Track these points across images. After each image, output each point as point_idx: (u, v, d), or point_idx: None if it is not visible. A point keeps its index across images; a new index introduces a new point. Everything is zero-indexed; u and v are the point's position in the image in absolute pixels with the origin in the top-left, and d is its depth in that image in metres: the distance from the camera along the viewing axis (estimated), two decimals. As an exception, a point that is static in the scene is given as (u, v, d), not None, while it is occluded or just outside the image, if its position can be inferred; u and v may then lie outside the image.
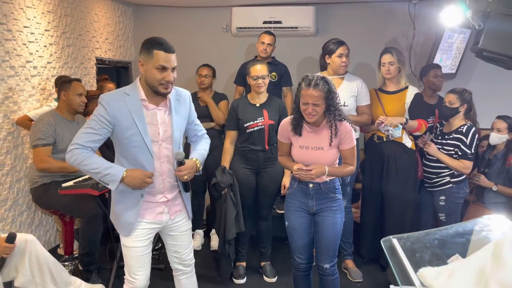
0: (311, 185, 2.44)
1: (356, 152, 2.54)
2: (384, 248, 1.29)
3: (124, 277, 2.27)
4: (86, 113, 3.71)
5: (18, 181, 3.40)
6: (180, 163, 2.12)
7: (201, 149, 2.34)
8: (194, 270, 2.48)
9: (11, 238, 2.37)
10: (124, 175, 2.04)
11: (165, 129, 2.14)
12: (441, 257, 1.09)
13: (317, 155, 2.39)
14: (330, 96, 2.31)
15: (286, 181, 3.17)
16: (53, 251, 3.77)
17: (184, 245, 2.35)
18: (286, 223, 2.56)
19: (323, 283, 2.56)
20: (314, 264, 2.64)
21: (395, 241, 1.24)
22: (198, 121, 2.40)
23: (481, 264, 0.87)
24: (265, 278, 3.39)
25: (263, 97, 3.22)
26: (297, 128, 2.42)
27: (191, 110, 2.30)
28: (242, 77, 4.00)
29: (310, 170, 2.32)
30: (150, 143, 2.09)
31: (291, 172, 2.53)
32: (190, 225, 2.39)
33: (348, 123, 2.41)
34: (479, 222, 1.21)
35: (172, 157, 2.17)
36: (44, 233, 3.76)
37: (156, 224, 2.22)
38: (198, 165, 2.23)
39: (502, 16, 2.49)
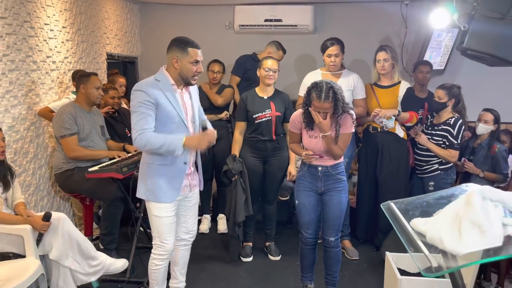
0: (320, 168, 2.77)
1: (351, 141, 2.86)
2: (384, 209, 1.58)
3: (153, 242, 2.61)
4: (99, 104, 3.97)
5: (40, 168, 3.66)
6: (204, 128, 2.53)
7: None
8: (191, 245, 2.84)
9: (47, 217, 2.64)
10: (183, 142, 2.37)
11: (188, 109, 2.54)
12: (428, 213, 1.39)
13: (323, 142, 2.72)
14: (337, 103, 2.60)
15: (291, 168, 3.49)
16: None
17: (193, 215, 2.74)
18: (296, 201, 2.87)
19: (328, 255, 2.88)
20: (319, 241, 2.94)
21: (392, 204, 1.54)
22: (201, 108, 2.79)
23: (456, 209, 1.15)
24: (270, 257, 3.70)
25: (270, 91, 3.50)
26: (308, 124, 2.74)
27: (198, 96, 2.73)
28: (239, 68, 4.28)
29: (317, 155, 2.68)
30: (184, 119, 2.46)
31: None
32: (198, 199, 2.77)
33: (351, 115, 2.70)
34: (458, 188, 1.51)
35: (194, 133, 2.55)
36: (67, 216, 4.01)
37: (182, 196, 2.59)
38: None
39: (485, 18, 2.80)
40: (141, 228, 3.76)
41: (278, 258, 3.69)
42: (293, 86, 4.48)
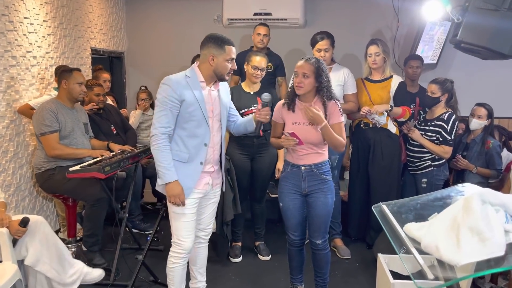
0: (303, 168, 2.63)
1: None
2: (375, 212, 1.49)
3: (172, 240, 2.56)
4: (83, 101, 3.84)
5: (20, 167, 3.52)
6: (265, 105, 2.49)
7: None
8: (208, 243, 2.80)
9: (24, 222, 2.50)
10: (170, 182, 2.38)
11: (216, 106, 2.52)
12: (423, 216, 1.30)
13: (308, 130, 2.57)
14: (319, 73, 2.52)
15: (280, 165, 3.38)
16: (54, 235, 3.91)
17: (210, 214, 2.71)
18: (281, 204, 2.74)
19: (316, 257, 2.77)
20: (307, 241, 2.85)
21: (384, 207, 1.44)
22: (233, 105, 2.75)
23: (453, 214, 1.06)
24: (260, 257, 3.61)
25: (256, 86, 3.40)
26: (290, 104, 2.62)
27: (229, 96, 2.69)
28: (237, 67, 4.17)
29: (296, 135, 2.54)
30: (207, 116, 2.44)
31: (285, 155, 2.75)
32: (219, 198, 2.74)
33: (336, 103, 2.60)
34: (454, 189, 1.42)
35: (219, 131, 2.56)
36: (45, 218, 3.86)
37: (202, 193, 2.54)
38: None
39: (479, 10, 2.71)
40: (127, 229, 3.66)
41: (268, 258, 3.60)
42: (288, 81, 4.38)
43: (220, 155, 2.62)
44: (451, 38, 2.93)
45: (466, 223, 1.01)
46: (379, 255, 1.96)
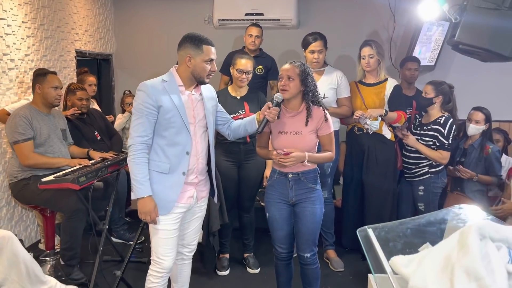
0: (290, 175, 2.47)
1: (335, 142, 2.59)
2: (360, 237, 1.32)
3: (151, 258, 2.37)
4: (66, 106, 3.68)
5: (-3, 176, 3.36)
6: (277, 104, 2.37)
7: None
8: (191, 260, 2.61)
9: None
10: (143, 197, 2.20)
11: (198, 112, 2.34)
12: (413, 246, 1.13)
13: (295, 139, 2.43)
14: (305, 77, 2.41)
15: (268, 172, 3.19)
16: (34, 246, 3.74)
17: (195, 229, 2.52)
18: (267, 214, 2.58)
19: (304, 272, 2.59)
20: (295, 255, 2.68)
21: (370, 231, 1.27)
22: (222, 108, 2.59)
23: (447, 252, 0.90)
24: (248, 270, 3.43)
25: (243, 90, 3.23)
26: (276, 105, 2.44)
27: (216, 99, 2.50)
28: (228, 67, 4.00)
29: (290, 153, 2.36)
30: (188, 123, 2.26)
31: (273, 163, 2.57)
32: (204, 212, 2.55)
33: (323, 110, 2.47)
34: (450, 212, 1.25)
35: (204, 139, 2.37)
36: (25, 228, 3.72)
37: (185, 207, 2.35)
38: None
39: (478, 9, 2.54)
40: (109, 240, 3.48)
41: (257, 271, 3.42)
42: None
43: (209, 164, 2.43)
44: (448, 39, 2.77)
45: (462, 264, 0.84)
46: (369, 275, 1.78)
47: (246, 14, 4.75)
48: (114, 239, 3.83)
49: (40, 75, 3.14)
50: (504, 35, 2.45)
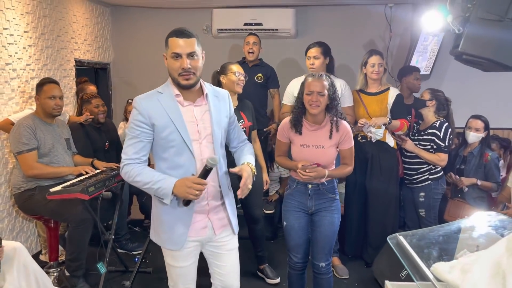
0: (310, 186, 2.49)
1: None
2: (392, 245, 1.34)
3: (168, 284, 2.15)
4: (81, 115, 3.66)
5: (-1, 186, 3.32)
6: (206, 173, 1.84)
7: (248, 153, 2.13)
8: None
9: None
10: (174, 186, 1.84)
11: (204, 126, 1.96)
12: (448, 252, 1.16)
13: (317, 153, 2.44)
14: (332, 91, 2.42)
15: (266, 176, 3.22)
16: (35, 257, 3.65)
17: (229, 266, 2.08)
18: (284, 223, 2.58)
19: (318, 281, 2.60)
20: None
21: (401, 238, 1.30)
22: (239, 125, 2.20)
23: (496, 258, 0.93)
24: (268, 280, 3.35)
25: (234, 100, 3.12)
26: (297, 126, 2.47)
27: (231, 109, 2.10)
28: None
29: (312, 170, 2.37)
30: (190, 141, 1.91)
31: (290, 171, 2.59)
32: (237, 244, 2.12)
33: (348, 125, 2.49)
34: (477, 218, 1.29)
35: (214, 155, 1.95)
36: (26, 239, 3.66)
37: (199, 240, 2.02)
38: (252, 168, 2.02)
39: (481, 20, 2.60)
40: (113, 250, 3.45)
41: (278, 280, 3.32)
42: (281, 95, 4.24)
43: (221, 185, 2.01)
44: (451, 49, 2.82)
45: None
46: (386, 282, 1.82)
47: (245, 24, 4.80)
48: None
49: (38, 86, 3.15)
50: (508, 46, 2.52)
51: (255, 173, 2.02)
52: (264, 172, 3.23)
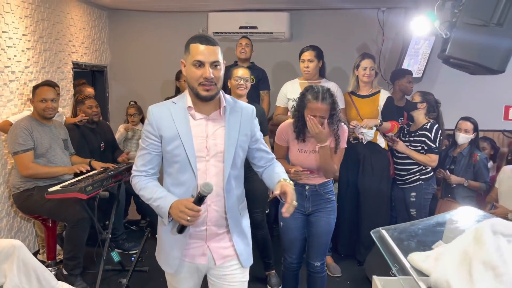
0: (307, 187, 2.56)
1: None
2: (375, 238, 1.43)
3: None
4: (76, 116, 3.75)
5: (-3, 187, 3.37)
6: (201, 200, 1.65)
7: (281, 171, 1.94)
8: None
9: None
10: (171, 206, 1.71)
11: (215, 142, 1.77)
12: (426, 244, 1.24)
13: (314, 157, 2.52)
14: (334, 107, 2.43)
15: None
16: (33, 257, 3.74)
17: None
18: (281, 223, 2.64)
19: (312, 280, 2.68)
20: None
21: (384, 232, 1.38)
22: (264, 142, 1.99)
23: (464, 247, 1.01)
24: None
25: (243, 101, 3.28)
26: (299, 135, 2.52)
27: (255, 126, 1.90)
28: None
29: (307, 171, 2.45)
30: (194, 157, 1.74)
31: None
32: (246, 277, 1.88)
33: (345, 129, 2.56)
34: (455, 213, 1.38)
35: (223, 178, 1.77)
36: (24, 239, 3.72)
37: (195, 268, 1.86)
38: (292, 184, 1.81)
39: (467, 25, 2.69)
40: (109, 249, 3.51)
41: None
42: (270, 96, 4.32)
43: (227, 211, 1.79)
44: (439, 53, 2.91)
45: (479, 257, 0.95)
46: (374, 277, 1.89)
47: (240, 27, 4.88)
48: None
49: (33, 89, 3.23)
50: (492, 50, 2.61)
51: (294, 188, 1.82)
52: None
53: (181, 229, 1.70)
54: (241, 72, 3.19)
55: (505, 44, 2.60)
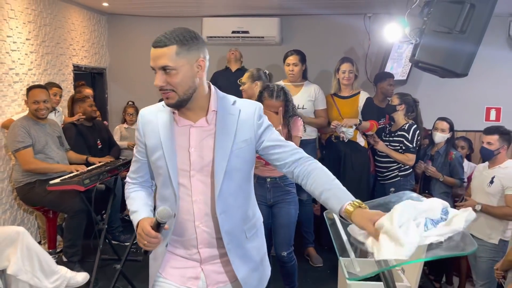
0: (268, 180, 2.81)
1: (313, 149, 2.91)
2: (326, 218, 1.66)
3: None
4: (73, 115, 4.00)
5: (2, 181, 3.61)
6: (158, 226, 1.43)
7: (339, 187, 1.69)
8: None
9: None
10: (137, 225, 1.53)
11: (200, 154, 1.52)
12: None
13: None
14: (288, 104, 2.77)
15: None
16: (34, 248, 3.98)
17: None
18: None
19: (283, 270, 2.90)
20: (273, 254, 2.95)
21: (334, 215, 1.61)
22: (282, 140, 1.64)
23: (383, 222, 1.25)
24: None
25: None
26: None
27: (260, 127, 1.59)
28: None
29: (262, 160, 2.65)
30: (175, 171, 1.52)
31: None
32: None
33: (299, 117, 2.82)
34: (395, 196, 1.61)
35: (212, 195, 1.53)
36: (26, 230, 3.96)
37: None
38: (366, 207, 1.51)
39: (434, 32, 2.93)
40: (107, 240, 3.75)
41: None
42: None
43: (221, 232, 1.53)
44: (410, 57, 3.15)
45: (385, 231, 1.22)
46: (340, 258, 2.12)
47: (233, 32, 5.12)
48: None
49: (27, 91, 3.47)
50: (456, 55, 2.85)
51: None
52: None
53: (146, 251, 1.52)
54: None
55: (468, 49, 2.84)
